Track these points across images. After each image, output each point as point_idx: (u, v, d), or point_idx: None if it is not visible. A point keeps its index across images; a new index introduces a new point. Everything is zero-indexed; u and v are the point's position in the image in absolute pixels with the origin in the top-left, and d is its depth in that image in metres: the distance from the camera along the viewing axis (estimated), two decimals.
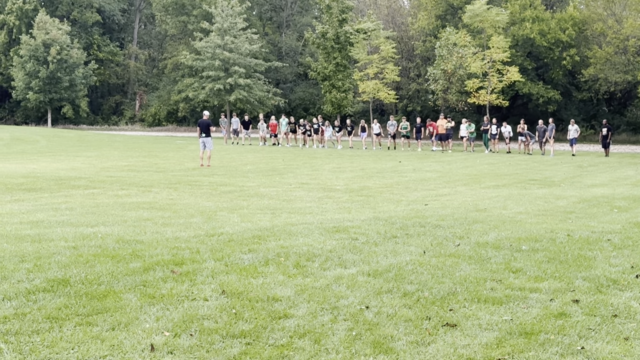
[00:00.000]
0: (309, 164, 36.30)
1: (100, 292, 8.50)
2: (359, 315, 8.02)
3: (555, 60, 79.87)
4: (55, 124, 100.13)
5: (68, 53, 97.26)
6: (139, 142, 60.14)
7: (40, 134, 63.52)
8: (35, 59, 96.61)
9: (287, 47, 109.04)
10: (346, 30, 76.11)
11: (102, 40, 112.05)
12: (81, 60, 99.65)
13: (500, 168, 36.11)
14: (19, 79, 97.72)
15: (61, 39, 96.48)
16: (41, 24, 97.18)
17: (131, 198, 20.30)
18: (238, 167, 34.07)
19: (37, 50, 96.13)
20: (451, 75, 73.67)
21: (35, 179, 25.03)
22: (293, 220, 15.37)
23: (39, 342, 6.82)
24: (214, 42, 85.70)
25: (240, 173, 30.53)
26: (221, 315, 7.79)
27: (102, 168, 31.89)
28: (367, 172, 32.02)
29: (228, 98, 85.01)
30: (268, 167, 33.86)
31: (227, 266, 10.09)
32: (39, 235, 12.48)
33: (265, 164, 36.35)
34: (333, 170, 32.66)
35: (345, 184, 26.02)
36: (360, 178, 28.67)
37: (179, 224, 14.71)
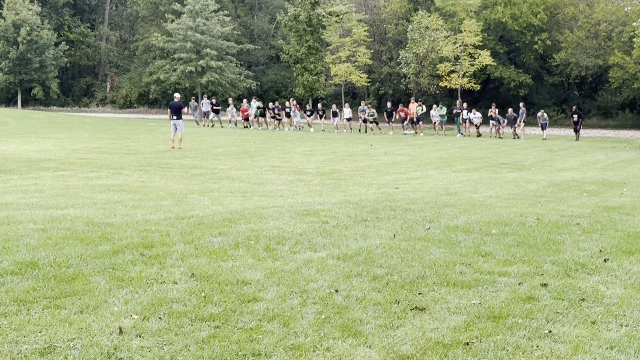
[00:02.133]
0: (280, 147, 36.28)
1: (69, 275, 8.46)
2: (328, 298, 8.03)
3: (527, 44, 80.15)
4: (25, 105, 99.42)
5: (38, 34, 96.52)
6: (110, 124, 59.90)
7: (10, 115, 63.08)
8: (5, 40, 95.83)
9: (259, 30, 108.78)
10: (318, 13, 75.96)
11: (73, 22, 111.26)
12: (52, 42, 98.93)
13: (472, 152, 36.25)
14: None
15: (31, 20, 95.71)
16: (11, 4, 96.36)
17: (101, 180, 20.24)
18: (209, 149, 34.00)
19: (7, 31, 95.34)
20: (423, 58, 73.80)
21: (4, 160, 24.89)
22: (264, 204, 15.35)
23: (6, 325, 6.77)
24: (185, 24, 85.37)
25: (212, 156, 30.47)
26: (190, 298, 7.78)
27: (73, 150, 31.72)
28: (339, 155, 32.05)
29: (200, 80, 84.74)
30: (239, 150, 33.82)
31: (197, 249, 10.07)
32: (7, 217, 12.40)
33: (237, 146, 36.29)
34: (304, 154, 32.66)
35: (316, 167, 26.04)
36: (331, 161, 28.70)
37: (149, 206, 14.66)
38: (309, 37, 76.82)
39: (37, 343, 6.39)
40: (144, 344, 6.49)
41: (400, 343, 6.82)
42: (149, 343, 6.51)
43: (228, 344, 6.57)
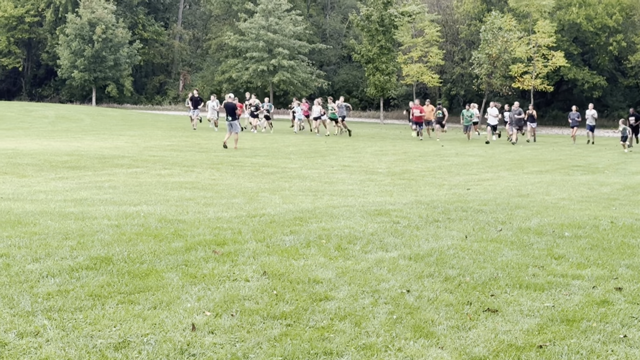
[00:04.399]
0: (351, 147, 36.26)
1: (143, 271, 8.54)
2: (400, 298, 8.00)
3: (602, 45, 79.17)
4: (100, 103, 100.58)
5: (113, 32, 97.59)
6: (182, 121, 60.33)
7: (85, 113, 63.93)
8: (81, 38, 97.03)
9: (331, 29, 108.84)
10: (391, 13, 75.87)
11: (147, 20, 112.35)
12: (126, 40, 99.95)
13: (544, 154, 35.90)
14: (64, 58, 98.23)
15: (107, 18, 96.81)
16: (87, 2, 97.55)
17: (174, 177, 20.41)
18: (280, 148, 34.10)
19: (83, 29, 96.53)
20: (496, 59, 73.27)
21: (79, 157, 25.23)
22: (335, 203, 15.36)
23: (81, 319, 6.85)
24: (258, 23, 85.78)
25: (283, 155, 30.57)
26: (262, 296, 7.80)
27: (145, 147, 32.05)
28: (410, 155, 31.95)
29: (271, 79, 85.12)
30: (310, 149, 33.88)
31: (269, 247, 10.10)
32: (82, 213, 12.57)
33: (308, 146, 36.37)
34: (375, 153, 32.62)
35: (387, 167, 25.98)
36: (402, 161, 28.62)
37: (221, 204, 14.75)
38: (381, 37, 76.77)
39: (112, 338, 6.45)
40: (217, 340, 6.52)
41: (473, 345, 6.77)
42: (221, 340, 6.54)
43: (300, 343, 6.57)
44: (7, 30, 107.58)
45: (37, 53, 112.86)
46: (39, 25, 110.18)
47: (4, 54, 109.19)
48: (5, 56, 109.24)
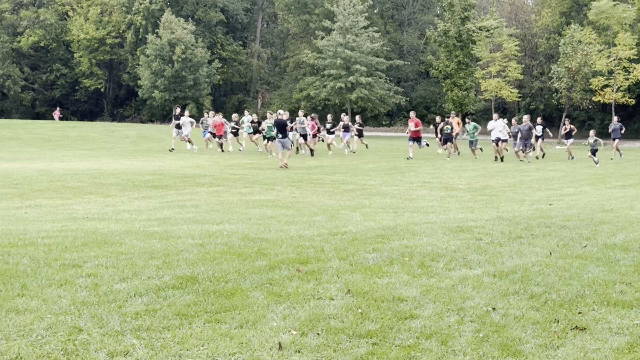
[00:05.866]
0: (430, 163, 36.11)
1: (228, 290, 8.60)
2: (486, 316, 7.94)
3: None
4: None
5: (192, 52, 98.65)
6: None
7: (166, 132, 64.59)
8: (161, 58, 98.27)
9: (408, 45, 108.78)
10: (468, 28, 75.68)
11: (226, 39, 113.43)
12: (205, 59, 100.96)
13: (627, 168, 35.37)
14: (145, 78, 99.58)
15: (186, 38, 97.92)
16: (167, 23, 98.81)
17: (254, 196, 20.52)
18: (359, 165, 34.10)
19: (163, 50, 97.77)
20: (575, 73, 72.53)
21: (161, 176, 25.51)
22: (416, 220, 15.31)
23: (169, 339, 6.92)
24: (335, 41, 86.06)
25: (362, 171, 30.57)
26: (347, 314, 7.80)
27: (226, 166, 32.29)
28: (490, 171, 31.71)
29: (349, 96, 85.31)
30: (390, 166, 33.82)
31: (352, 265, 10.10)
32: (166, 232, 12.70)
33: (387, 162, 36.32)
34: (455, 169, 32.45)
35: (467, 182, 25.83)
36: (482, 177, 28.42)
37: (303, 222, 14.79)
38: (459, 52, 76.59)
39: (200, 357, 6.50)
40: (303, 359, 6.54)
41: None
42: (308, 359, 6.55)
43: None
44: (90, 52, 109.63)
45: (119, 74, 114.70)
46: (120, 47, 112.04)
47: (86, 76, 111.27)
48: (87, 77, 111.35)
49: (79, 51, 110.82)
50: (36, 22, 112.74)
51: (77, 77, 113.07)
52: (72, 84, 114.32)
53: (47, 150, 43.30)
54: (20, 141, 51.84)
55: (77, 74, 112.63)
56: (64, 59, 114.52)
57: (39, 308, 7.72)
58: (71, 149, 45.19)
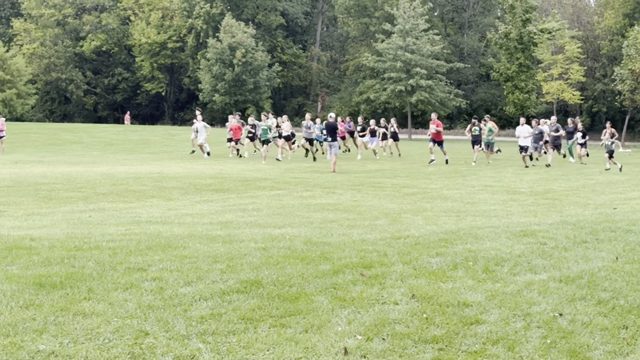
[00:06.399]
0: (491, 166, 35.86)
1: (292, 294, 8.59)
2: (553, 322, 7.84)
3: None
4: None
5: (253, 56, 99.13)
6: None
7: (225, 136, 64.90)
8: (222, 62, 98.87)
9: (468, 48, 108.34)
10: (530, 30, 75.13)
11: (286, 43, 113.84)
12: (265, 63, 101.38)
13: None
14: (205, 82, 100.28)
15: (246, 42, 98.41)
16: (227, 27, 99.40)
17: (315, 199, 20.53)
18: (420, 169, 33.99)
19: (223, 54, 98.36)
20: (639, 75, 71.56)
21: (222, 179, 25.63)
22: (478, 224, 15.20)
23: (235, 343, 6.93)
24: (395, 44, 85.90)
25: (423, 175, 30.46)
26: (412, 319, 7.75)
27: (287, 169, 32.36)
28: (552, 174, 31.40)
29: (409, 99, 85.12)
30: (450, 169, 33.67)
31: (416, 270, 10.04)
32: (229, 235, 12.74)
33: (448, 166, 36.12)
34: (517, 173, 32.20)
35: (529, 186, 25.59)
36: (544, 180, 28.15)
37: (364, 225, 14.77)
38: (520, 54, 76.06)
39: None
40: None
41: None
42: None
43: None
44: (151, 56, 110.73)
45: (179, 78, 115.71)
46: (181, 51, 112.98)
47: (147, 80, 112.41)
48: (149, 81, 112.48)
49: (140, 55, 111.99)
50: (98, 26, 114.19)
51: (139, 81, 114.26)
52: (134, 87, 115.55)
53: (109, 154, 43.74)
54: (83, 145, 52.49)
55: (139, 78, 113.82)
56: (126, 63, 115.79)
57: (105, 311, 7.79)
58: (133, 153, 45.61)
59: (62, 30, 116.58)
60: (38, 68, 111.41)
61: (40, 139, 56.05)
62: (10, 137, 55.01)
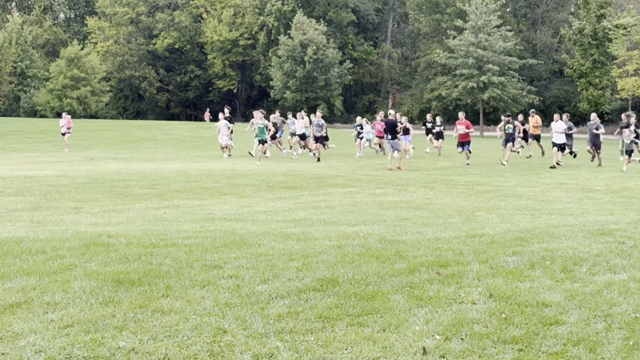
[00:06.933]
0: (564, 163, 35.40)
1: (369, 293, 8.55)
2: (635, 323, 7.69)
3: None
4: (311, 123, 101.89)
5: (324, 53, 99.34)
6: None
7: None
8: (293, 59, 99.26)
9: (542, 44, 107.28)
10: (604, 26, 74.22)
11: (357, 40, 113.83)
12: (336, 60, 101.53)
13: None
14: (277, 79, 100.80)
15: (317, 39, 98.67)
16: (298, 24, 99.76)
17: (388, 197, 20.49)
18: (493, 166, 33.73)
19: (295, 51, 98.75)
20: None
21: (294, 177, 25.70)
22: (554, 222, 15.02)
23: (313, 342, 6.91)
24: (467, 40, 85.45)
25: (496, 172, 30.24)
26: (490, 319, 7.66)
27: (358, 166, 32.38)
28: (628, 172, 30.91)
29: (481, 96, 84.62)
30: (524, 167, 33.34)
31: (492, 269, 9.94)
32: (303, 233, 12.75)
33: (521, 163, 35.78)
34: (591, 170, 31.78)
35: (605, 184, 25.23)
36: (620, 178, 27.71)
37: (438, 224, 14.69)
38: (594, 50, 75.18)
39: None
40: None
41: None
42: None
43: None
44: (223, 53, 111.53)
45: (251, 75, 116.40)
46: (253, 48, 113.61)
47: (219, 77, 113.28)
48: (220, 79, 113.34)
49: (212, 53, 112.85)
50: (171, 24, 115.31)
51: (211, 78, 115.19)
52: (206, 85, 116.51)
53: (182, 151, 44.12)
54: (156, 142, 53.02)
55: (211, 75, 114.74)
56: (198, 60, 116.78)
57: (183, 309, 7.83)
58: (205, 150, 45.94)
59: (136, 28, 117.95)
60: (112, 66, 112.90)
61: (114, 136, 56.70)
62: (85, 134, 55.86)
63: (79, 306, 7.90)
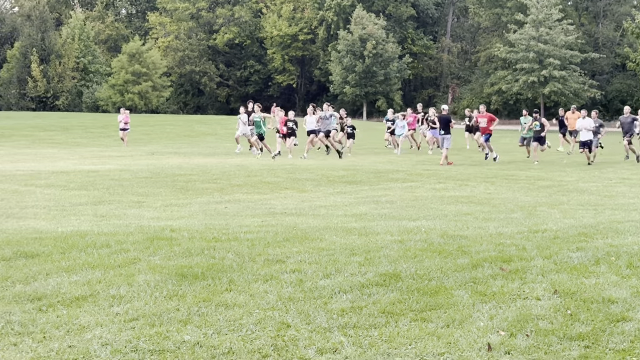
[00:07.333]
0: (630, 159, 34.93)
1: (431, 288, 8.50)
2: None
3: None
4: (370, 117, 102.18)
5: (383, 47, 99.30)
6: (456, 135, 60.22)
7: (358, 128, 65.06)
8: (352, 54, 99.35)
9: (604, 38, 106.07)
10: None
11: (416, 34, 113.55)
12: (396, 54, 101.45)
13: None
14: (336, 74, 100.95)
15: (377, 34, 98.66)
16: (358, 19, 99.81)
17: (449, 192, 20.41)
18: (555, 161, 33.44)
19: (354, 45, 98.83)
20: None
21: (354, 171, 25.68)
22: (618, 218, 14.84)
23: (377, 337, 6.87)
24: (528, 34, 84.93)
25: (558, 167, 29.99)
26: (556, 315, 7.58)
27: (418, 161, 32.30)
28: None
29: (542, 90, 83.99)
30: (585, 161, 32.93)
31: (556, 264, 9.83)
32: (364, 228, 12.72)
33: (582, 157, 35.34)
34: None
35: None
36: None
37: (500, 219, 14.59)
38: None
39: (408, 356, 6.43)
40: None
41: None
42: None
43: None
44: (282, 48, 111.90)
45: (310, 70, 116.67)
46: (312, 43, 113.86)
47: (279, 72, 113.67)
48: (280, 73, 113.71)
49: (272, 47, 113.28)
50: (231, 19, 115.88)
51: (270, 73, 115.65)
52: (265, 80, 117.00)
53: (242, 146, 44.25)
54: (216, 136, 53.29)
55: (270, 70, 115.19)
56: (258, 55, 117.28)
57: (247, 303, 7.84)
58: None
59: (196, 23, 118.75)
60: (172, 61, 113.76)
61: (175, 131, 57.11)
62: (146, 128, 56.34)
63: (143, 300, 7.97)
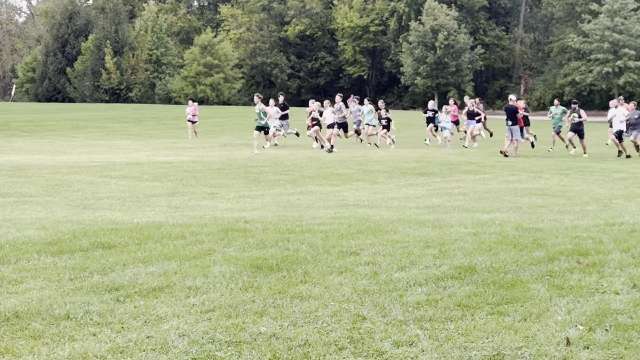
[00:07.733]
0: None
1: (507, 281, 8.41)
2: None
3: None
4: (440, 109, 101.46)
5: (455, 38, 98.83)
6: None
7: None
8: (424, 45, 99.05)
9: None
10: None
11: (488, 25, 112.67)
12: (467, 45, 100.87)
13: None
14: (407, 65, 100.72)
15: (448, 25, 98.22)
16: (430, 10, 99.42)
17: (522, 184, 20.26)
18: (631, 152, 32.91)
19: (426, 37, 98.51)
20: None
21: (426, 163, 25.62)
22: None
23: (453, 330, 6.82)
24: (602, 24, 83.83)
25: (633, 159, 29.74)
26: (635, 310, 7.44)
27: (491, 153, 32.06)
28: None
29: (616, 81, 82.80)
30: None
31: (635, 258, 9.66)
32: (437, 220, 12.65)
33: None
34: None
35: None
36: None
37: (575, 211, 14.42)
38: None
39: (485, 350, 6.38)
40: (593, 356, 6.27)
41: None
42: (598, 356, 6.28)
43: None
44: (353, 39, 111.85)
45: (381, 61, 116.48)
46: (383, 34, 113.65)
47: (350, 63, 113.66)
48: (351, 65, 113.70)
49: (343, 39, 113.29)
50: (302, 11, 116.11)
51: (341, 64, 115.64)
52: (336, 71, 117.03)
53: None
54: None
55: (341, 61, 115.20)
56: (329, 47, 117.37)
57: (322, 295, 7.84)
58: None
59: (267, 15, 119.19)
60: (244, 53, 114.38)
61: (247, 122, 57.23)
62: (218, 120, 56.75)
63: (219, 291, 8.00)
